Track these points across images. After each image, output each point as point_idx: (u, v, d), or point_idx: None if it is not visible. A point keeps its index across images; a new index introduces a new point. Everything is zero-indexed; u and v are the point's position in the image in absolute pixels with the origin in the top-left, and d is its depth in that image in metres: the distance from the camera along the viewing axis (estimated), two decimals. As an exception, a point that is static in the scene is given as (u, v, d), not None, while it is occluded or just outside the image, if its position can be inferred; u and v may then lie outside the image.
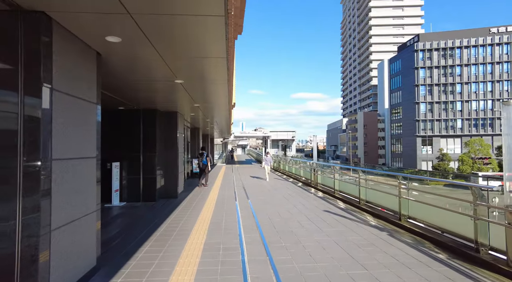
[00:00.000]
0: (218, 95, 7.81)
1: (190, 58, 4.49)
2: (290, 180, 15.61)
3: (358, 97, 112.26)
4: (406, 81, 61.24)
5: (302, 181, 14.40)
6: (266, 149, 27.66)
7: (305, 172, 14.72)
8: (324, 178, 11.81)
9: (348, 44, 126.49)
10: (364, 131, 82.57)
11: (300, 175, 15.61)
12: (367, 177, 8.33)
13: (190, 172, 16.67)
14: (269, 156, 15.92)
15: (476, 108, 55.70)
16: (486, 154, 45.86)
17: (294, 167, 17.31)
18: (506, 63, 54.78)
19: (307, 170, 14.23)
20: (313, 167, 12.65)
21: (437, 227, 5.71)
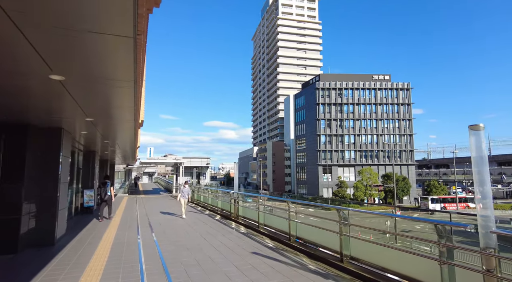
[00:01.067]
0: (121, 105, 5.86)
1: (74, 34, 2.72)
2: (206, 213, 13.89)
3: (267, 128, 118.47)
4: (309, 115, 67.23)
5: (220, 213, 12.86)
6: (178, 177, 25.23)
7: (223, 203, 13.25)
8: (246, 210, 10.58)
9: (258, 79, 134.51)
10: (273, 159, 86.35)
11: (217, 206, 14.01)
12: (297, 208, 7.43)
13: (80, 206, 13.54)
14: (187, 186, 13.10)
15: (366, 142, 64.32)
16: (375, 181, 52.51)
17: (210, 197, 15.66)
18: (385, 105, 65.58)
19: (226, 201, 12.81)
20: (233, 197, 11.33)
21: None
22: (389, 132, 64.92)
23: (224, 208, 12.95)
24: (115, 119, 7.48)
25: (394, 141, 64.83)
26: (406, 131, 65.06)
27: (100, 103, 5.68)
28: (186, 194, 12.69)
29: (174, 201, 20.08)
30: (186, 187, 12.92)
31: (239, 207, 10.86)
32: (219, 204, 13.74)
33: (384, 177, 55.83)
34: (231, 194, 11.67)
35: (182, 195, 12.55)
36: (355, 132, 64.10)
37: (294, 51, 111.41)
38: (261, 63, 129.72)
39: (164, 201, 20.01)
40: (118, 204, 17.80)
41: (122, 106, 5.83)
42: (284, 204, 7.70)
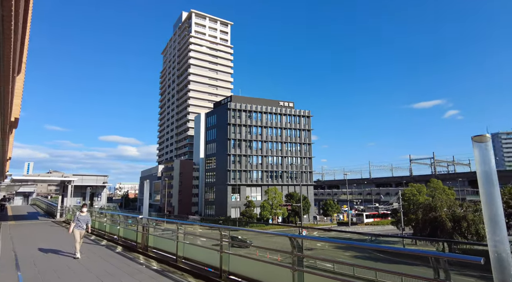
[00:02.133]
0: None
1: None
2: (103, 243, 11.32)
3: (175, 146, 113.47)
4: (220, 134, 67.16)
5: (123, 244, 10.59)
6: (65, 198, 20.67)
7: (126, 231, 11.01)
8: (159, 240, 8.83)
9: (167, 94, 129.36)
10: (180, 179, 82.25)
11: (118, 234, 11.57)
12: (219, 232, 6.32)
13: None
14: (86, 212, 9.59)
15: (272, 162, 67.37)
16: (280, 201, 54.83)
17: (108, 223, 12.96)
18: (289, 130, 70.59)
19: (130, 228, 10.65)
20: (142, 223, 9.39)
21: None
22: (292, 154, 69.70)
23: (128, 237, 10.74)
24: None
25: (296, 162, 69.79)
26: (306, 154, 70.99)
27: None
28: (84, 223, 9.24)
29: (58, 228, 16.19)
30: (85, 213, 9.43)
31: (150, 236, 9.03)
32: (120, 232, 11.38)
33: (288, 196, 58.95)
34: (138, 220, 9.69)
35: (78, 225, 9.03)
36: (263, 153, 66.64)
37: (206, 70, 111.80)
38: (170, 78, 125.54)
39: (44, 229, 15.94)
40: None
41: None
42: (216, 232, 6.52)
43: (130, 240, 10.41)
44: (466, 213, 28.34)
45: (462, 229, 27.58)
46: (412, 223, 32.94)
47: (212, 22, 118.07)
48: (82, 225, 9.24)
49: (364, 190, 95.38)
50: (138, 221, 9.59)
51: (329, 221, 64.84)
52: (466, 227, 27.55)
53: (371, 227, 55.54)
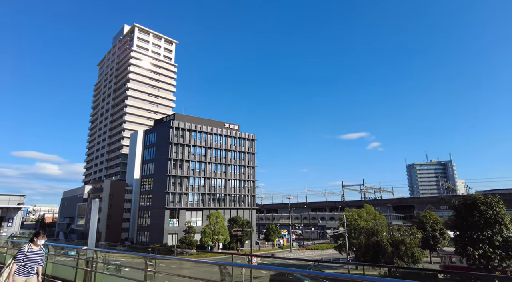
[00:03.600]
0: None
1: None
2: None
3: (105, 164, 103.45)
4: (160, 153, 63.01)
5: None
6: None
7: (59, 268, 8.43)
8: (114, 280, 6.73)
9: (100, 108, 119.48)
10: (109, 201, 74.10)
11: (45, 273, 8.80)
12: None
13: None
14: (39, 247, 6.17)
15: (214, 185, 65.00)
16: (222, 226, 52.40)
17: None
18: (234, 152, 69.70)
19: (65, 264, 8.19)
20: (86, 258, 7.18)
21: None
22: (235, 177, 68.44)
23: (61, 276, 8.21)
24: None
25: (240, 185, 68.57)
26: (250, 177, 70.42)
27: None
28: (36, 265, 5.98)
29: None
30: (38, 248, 6.06)
31: (97, 274, 6.88)
32: (48, 269, 8.70)
33: (231, 221, 56.86)
34: (81, 251, 7.44)
35: (23, 270, 5.76)
36: (206, 175, 64.08)
37: (147, 86, 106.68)
38: (106, 92, 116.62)
39: None
40: None
41: None
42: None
43: (64, 281, 7.95)
44: (403, 236, 30.09)
45: (401, 253, 29.07)
46: (354, 248, 33.78)
47: (156, 39, 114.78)
48: (31, 269, 5.84)
49: (302, 214, 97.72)
50: (79, 254, 7.36)
51: (270, 246, 63.94)
52: (404, 250, 29.11)
53: (312, 251, 56.10)
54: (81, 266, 7.01)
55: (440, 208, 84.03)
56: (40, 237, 6.11)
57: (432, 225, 37.96)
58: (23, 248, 5.92)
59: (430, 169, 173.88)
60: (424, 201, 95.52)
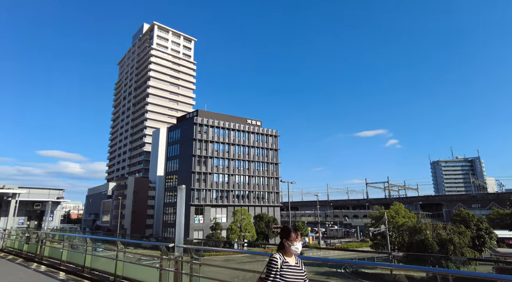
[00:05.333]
0: None
1: None
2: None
3: (128, 162, 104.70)
4: (184, 150, 62.62)
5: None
6: (3, 217, 15.46)
7: (140, 271, 7.24)
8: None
9: (121, 106, 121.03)
10: (133, 198, 74.60)
11: (115, 273, 7.65)
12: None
13: None
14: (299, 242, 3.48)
15: (238, 182, 64.04)
16: (249, 222, 51.35)
17: (89, 254, 8.85)
18: (256, 148, 68.53)
19: (148, 266, 7.04)
20: (175, 257, 5.96)
21: None
22: (259, 174, 67.25)
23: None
24: None
25: (263, 182, 67.35)
26: (273, 174, 69.07)
27: None
28: None
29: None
30: (296, 261, 3.44)
31: (194, 278, 5.63)
32: (119, 270, 7.37)
33: (256, 218, 55.76)
34: (163, 250, 6.16)
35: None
36: (229, 172, 63.24)
37: (167, 84, 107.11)
38: (127, 90, 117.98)
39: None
40: None
41: None
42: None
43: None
44: (451, 235, 27.96)
45: (449, 253, 26.99)
46: (395, 246, 31.85)
47: (175, 37, 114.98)
48: None
49: (325, 212, 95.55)
50: (163, 252, 6.09)
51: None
52: (452, 250, 27.02)
53: (341, 251, 54.21)
54: (166, 267, 5.82)
55: (471, 206, 79.91)
56: (294, 238, 3.44)
57: (477, 224, 35.43)
58: (273, 261, 3.29)
59: (456, 165, 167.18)
60: (454, 198, 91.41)
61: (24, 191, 16.49)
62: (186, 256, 5.60)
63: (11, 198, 15.65)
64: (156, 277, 6.02)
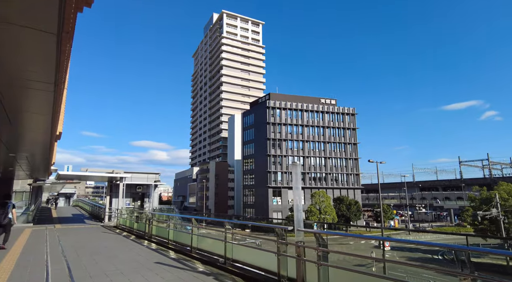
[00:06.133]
0: (36, 110, 4.55)
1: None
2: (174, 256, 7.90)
3: (208, 148, 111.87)
4: (258, 134, 63.75)
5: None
6: (115, 199, 17.99)
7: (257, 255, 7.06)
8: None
9: (199, 96, 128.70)
10: (215, 181, 79.78)
11: (225, 255, 7.73)
12: None
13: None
14: None
15: (314, 164, 62.83)
16: (329, 205, 50.21)
17: (195, 234, 9.25)
18: (332, 129, 65.82)
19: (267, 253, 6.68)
20: (298, 245, 5.56)
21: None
22: (336, 155, 64.80)
23: (256, 265, 6.77)
24: (25, 127, 5.81)
25: (341, 164, 64.79)
26: (352, 155, 65.78)
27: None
28: None
29: (113, 235, 13.15)
30: None
31: (324, 270, 5.08)
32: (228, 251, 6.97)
33: (336, 201, 54.19)
34: (279, 232, 5.70)
35: None
36: (304, 154, 62.35)
37: (238, 71, 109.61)
38: (202, 81, 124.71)
39: (97, 236, 12.92)
40: (12, 242, 10.38)
41: (38, 113, 4.79)
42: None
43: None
44: None
45: None
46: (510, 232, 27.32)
47: (243, 22, 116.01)
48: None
49: (412, 194, 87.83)
50: (279, 234, 5.58)
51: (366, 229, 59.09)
52: None
53: (434, 235, 49.35)
54: (283, 252, 5.42)
55: None
56: None
57: None
58: None
59: None
60: None
61: (128, 175, 18.65)
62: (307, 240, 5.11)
63: (119, 182, 17.85)
64: (269, 261, 5.81)
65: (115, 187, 18.74)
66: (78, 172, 18.52)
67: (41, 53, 3.01)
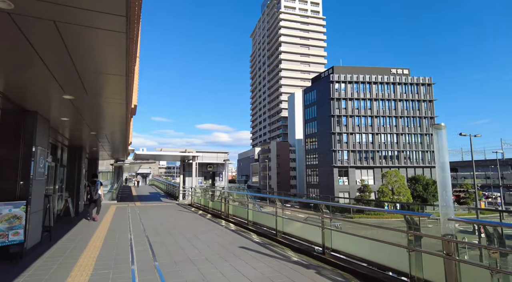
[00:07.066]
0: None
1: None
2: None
3: (268, 128, 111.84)
4: (322, 111, 60.75)
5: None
6: (188, 178, 18.35)
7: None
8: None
9: (257, 77, 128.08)
10: (277, 161, 79.59)
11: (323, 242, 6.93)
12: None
13: (62, 211, 10.92)
14: None
15: (385, 141, 58.04)
16: (403, 185, 46.13)
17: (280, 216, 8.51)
18: (405, 102, 59.56)
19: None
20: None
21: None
22: (410, 131, 58.84)
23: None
24: (103, 99, 5.63)
25: (415, 140, 58.78)
26: (428, 130, 59.08)
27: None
28: None
29: (189, 213, 13.06)
30: None
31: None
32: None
33: (411, 180, 49.59)
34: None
35: None
36: (373, 130, 57.80)
37: (297, 47, 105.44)
38: (261, 60, 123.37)
39: (173, 214, 12.96)
40: (100, 220, 10.80)
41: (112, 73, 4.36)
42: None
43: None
44: None
45: None
46: None
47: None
48: None
49: (503, 173, 76.59)
50: (410, 223, 4.31)
51: (461, 210, 52.65)
52: None
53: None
54: (417, 247, 4.05)
55: None
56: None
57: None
58: None
59: None
60: None
61: (199, 154, 18.66)
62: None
63: (192, 161, 17.97)
64: (394, 257, 4.45)
65: (188, 166, 19.01)
66: (153, 151, 19.11)
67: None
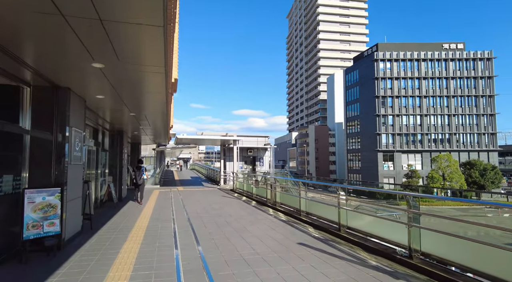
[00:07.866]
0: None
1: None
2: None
3: (305, 112, 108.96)
4: (364, 92, 57.28)
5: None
6: (229, 162, 17.85)
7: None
8: None
9: (294, 59, 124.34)
10: (315, 145, 77.44)
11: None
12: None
13: (106, 197, 10.32)
14: None
15: (435, 123, 53.52)
16: (455, 170, 42.32)
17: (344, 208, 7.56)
18: (459, 79, 54.07)
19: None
20: None
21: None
22: (464, 112, 53.57)
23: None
24: (137, 66, 4.57)
25: (470, 122, 53.49)
26: (486, 110, 53.35)
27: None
28: None
29: (232, 199, 12.45)
30: None
31: None
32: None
33: (465, 165, 45.36)
34: None
35: None
36: (422, 112, 53.42)
37: (337, 25, 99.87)
38: (298, 42, 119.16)
39: (216, 199, 12.41)
40: (144, 205, 10.51)
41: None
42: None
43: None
44: None
45: None
46: None
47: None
48: None
49: None
50: None
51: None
52: None
53: None
54: None
55: None
56: None
57: None
58: None
59: None
60: None
61: (240, 138, 17.96)
62: None
63: (233, 145, 17.34)
64: None
65: (228, 151, 18.45)
66: (194, 135, 18.75)
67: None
